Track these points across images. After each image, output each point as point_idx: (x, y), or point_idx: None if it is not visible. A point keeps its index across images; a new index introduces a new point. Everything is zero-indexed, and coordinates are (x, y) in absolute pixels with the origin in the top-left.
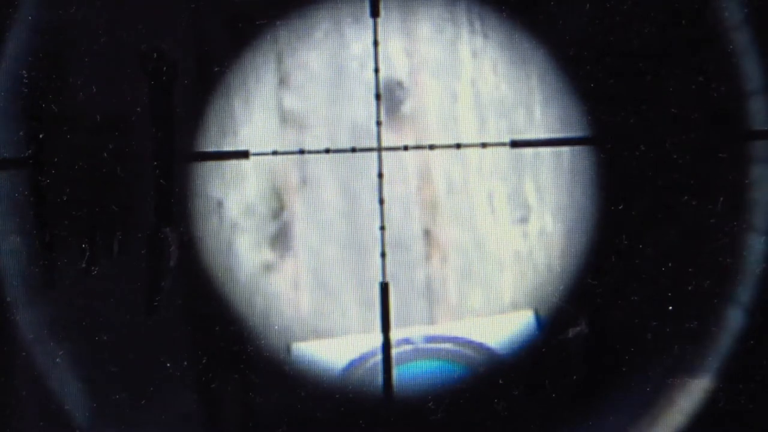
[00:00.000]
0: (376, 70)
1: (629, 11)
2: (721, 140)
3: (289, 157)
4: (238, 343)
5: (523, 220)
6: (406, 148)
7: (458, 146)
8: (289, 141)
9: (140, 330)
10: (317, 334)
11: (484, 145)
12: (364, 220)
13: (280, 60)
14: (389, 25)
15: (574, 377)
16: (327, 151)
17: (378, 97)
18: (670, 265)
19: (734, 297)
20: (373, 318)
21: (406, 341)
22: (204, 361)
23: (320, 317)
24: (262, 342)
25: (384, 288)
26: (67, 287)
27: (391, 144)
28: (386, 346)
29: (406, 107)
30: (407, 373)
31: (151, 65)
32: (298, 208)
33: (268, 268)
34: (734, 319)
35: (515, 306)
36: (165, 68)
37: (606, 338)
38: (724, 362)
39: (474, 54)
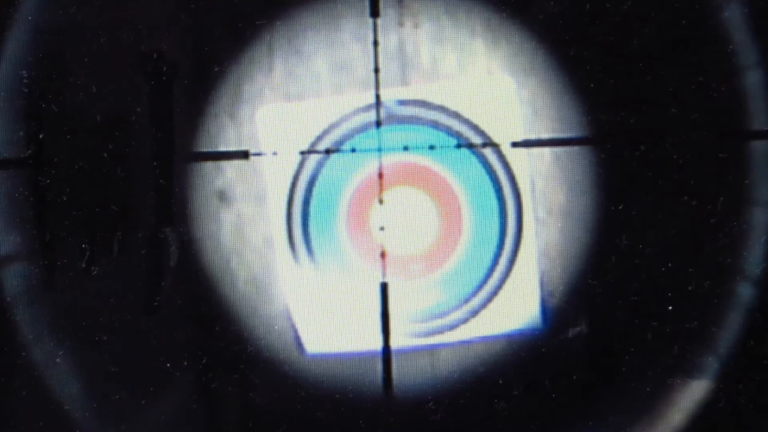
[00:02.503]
0: (376, 70)
1: (629, 11)
2: (721, 140)
3: (289, 157)
4: (238, 343)
5: None
6: (406, 148)
7: (458, 146)
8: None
9: (140, 330)
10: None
11: (484, 145)
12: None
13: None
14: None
15: (574, 377)
16: (327, 151)
17: (378, 97)
18: (670, 265)
19: (734, 297)
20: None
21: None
22: (204, 361)
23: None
24: (263, 342)
25: (384, 288)
26: (67, 287)
27: (391, 144)
28: (386, 349)
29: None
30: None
31: (151, 65)
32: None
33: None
34: (734, 319)
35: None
36: (165, 68)
37: (606, 338)
38: (724, 362)
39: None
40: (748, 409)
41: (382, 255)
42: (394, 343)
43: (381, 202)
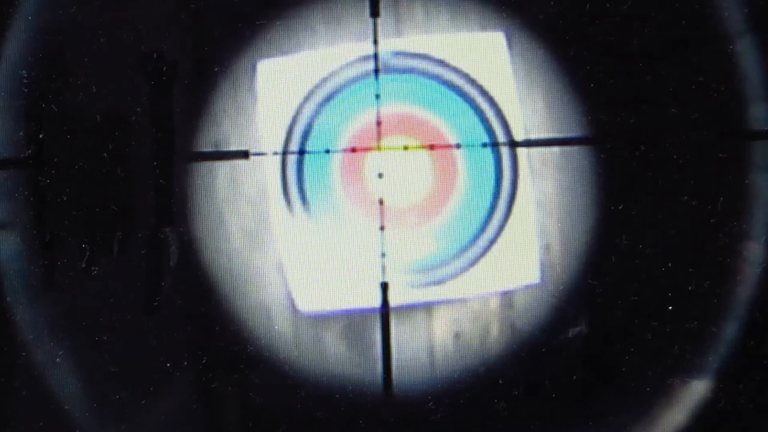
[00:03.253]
0: (376, 71)
1: (629, 11)
2: (721, 140)
3: (289, 157)
4: (238, 343)
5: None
6: (406, 148)
7: (458, 146)
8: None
9: (140, 330)
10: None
11: (484, 145)
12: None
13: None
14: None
15: (574, 377)
16: (327, 151)
17: (378, 97)
18: (670, 265)
19: (734, 297)
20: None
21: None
22: (204, 361)
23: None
24: (263, 342)
25: (384, 288)
26: (67, 287)
27: (391, 144)
28: (386, 349)
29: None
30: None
31: (151, 65)
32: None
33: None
34: (734, 319)
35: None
36: (165, 68)
37: (606, 338)
38: (724, 362)
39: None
40: (748, 409)
41: (383, 254)
42: (392, 299)
43: (381, 202)
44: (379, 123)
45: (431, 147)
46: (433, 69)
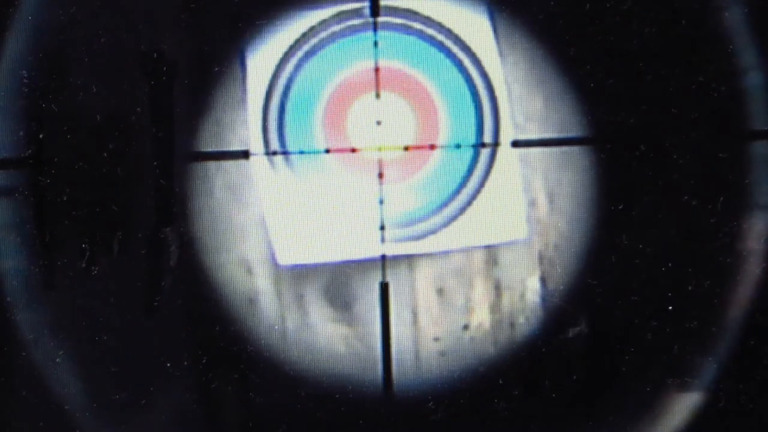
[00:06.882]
0: (376, 70)
1: (629, 11)
2: (721, 140)
3: (289, 157)
4: (238, 343)
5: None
6: (406, 148)
7: (458, 146)
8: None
9: (140, 330)
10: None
11: (484, 145)
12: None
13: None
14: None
15: (574, 377)
16: (327, 151)
17: (378, 96)
18: (670, 265)
19: (734, 297)
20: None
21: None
22: (204, 361)
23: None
24: (262, 342)
25: (384, 288)
26: (67, 287)
27: (391, 144)
28: (386, 347)
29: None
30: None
31: (151, 65)
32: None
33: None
34: (734, 319)
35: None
36: (165, 68)
37: (606, 338)
38: (724, 362)
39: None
40: (748, 409)
41: (383, 256)
42: (387, 250)
43: (381, 202)
44: (378, 82)
45: (431, 147)
46: (417, 26)
